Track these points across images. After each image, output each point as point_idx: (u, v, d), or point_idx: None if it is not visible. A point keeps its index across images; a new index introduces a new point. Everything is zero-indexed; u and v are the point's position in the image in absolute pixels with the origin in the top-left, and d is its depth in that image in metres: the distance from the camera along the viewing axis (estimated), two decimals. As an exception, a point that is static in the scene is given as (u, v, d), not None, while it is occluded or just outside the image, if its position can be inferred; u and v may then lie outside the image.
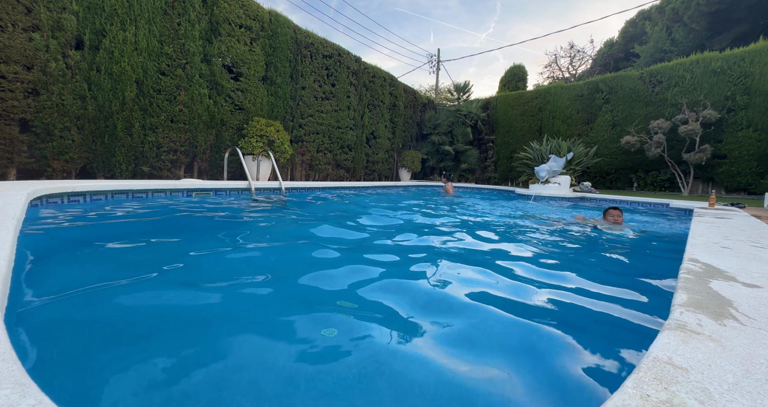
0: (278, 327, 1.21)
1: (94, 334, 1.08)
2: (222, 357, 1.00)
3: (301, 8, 60.33)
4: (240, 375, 0.90)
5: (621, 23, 19.75)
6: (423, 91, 25.20)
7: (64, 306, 1.25)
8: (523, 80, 15.49)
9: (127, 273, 1.62)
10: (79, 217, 2.87)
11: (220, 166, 6.59)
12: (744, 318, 0.88)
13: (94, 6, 4.74)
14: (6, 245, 1.24)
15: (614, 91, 9.95)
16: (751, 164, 7.83)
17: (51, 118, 4.45)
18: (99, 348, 1.01)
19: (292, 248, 2.34)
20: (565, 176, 7.87)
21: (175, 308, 1.30)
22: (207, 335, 1.12)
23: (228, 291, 1.48)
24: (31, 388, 0.52)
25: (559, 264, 2.25)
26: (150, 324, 1.17)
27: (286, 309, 1.36)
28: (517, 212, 5.15)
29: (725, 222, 3.09)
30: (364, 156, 10.37)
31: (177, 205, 3.88)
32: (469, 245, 2.69)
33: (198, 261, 1.91)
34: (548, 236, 3.28)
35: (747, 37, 12.20)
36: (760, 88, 7.67)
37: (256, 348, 1.05)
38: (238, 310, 1.32)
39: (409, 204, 5.49)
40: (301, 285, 1.62)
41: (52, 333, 1.07)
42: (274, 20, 7.30)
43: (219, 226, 2.98)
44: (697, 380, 0.59)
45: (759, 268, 1.41)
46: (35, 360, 0.90)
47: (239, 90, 6.75)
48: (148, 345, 1.04)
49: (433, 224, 3.64)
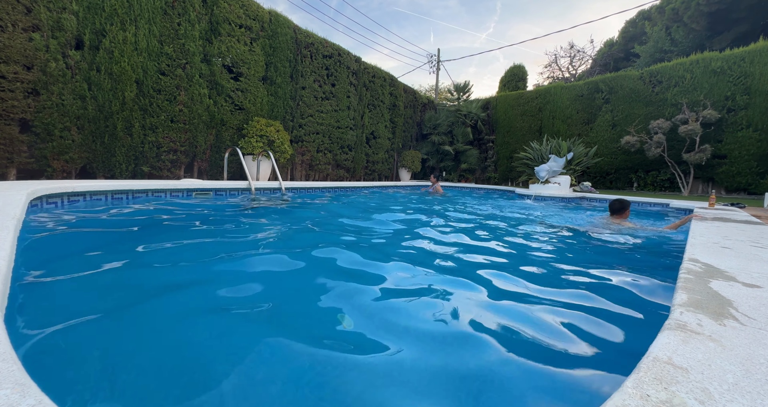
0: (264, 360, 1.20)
1: (94, 337, 1.08)
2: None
3: (301, 8, 60.33)
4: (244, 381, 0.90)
5: (621, 23, 19.77)
6: (423, 91, 25.20)
7: (64, 307, 1.25)
8: (523, 80, 15.49)
9: (126, 274, 1.62)
10: (79, 217, 2.87)
11: (220, 166, 6.59)
12: (744, 318, 0.88)
13: (94, 6, 4.74)
14: (6, 245, 1.24)
15: (614, 91, 9.95)
16: (751, 164, 7.83)
17: (51, 118, 4.45)
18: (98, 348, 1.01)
19: (287, 254, 2.34)
20: (565, 176, 7.87)
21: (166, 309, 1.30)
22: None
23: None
24: (31, 388, 0.52)
25: (558, 263, 2.25)
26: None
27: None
28: (509, 209, 5.15)
29: (725, 222, 3.09)
30: (364, 156, 10.37)
31: (177, 205, 3.88)
32: (462, 247, 2.69)
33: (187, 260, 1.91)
34: (544, 234, 3.28)
35: (747, 37, 12.21)
36: (760, 88, 7.67)
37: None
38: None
39: (404, 203, 5.50)
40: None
41: (52, 332, 1.07)
42: (274, 20, 7.30)
43: (214, 226, 2.98)
44: (697, 380, 0.59)
45: (759, 268, 1.41)
46: (34, 358, 0.90)
47: (239, 90, 6.75)
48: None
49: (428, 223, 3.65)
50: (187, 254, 2.08)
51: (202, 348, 1.04)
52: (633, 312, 1.46)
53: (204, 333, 1.13)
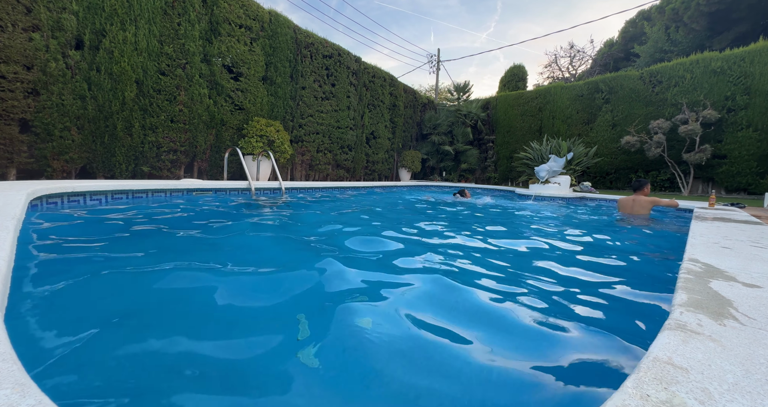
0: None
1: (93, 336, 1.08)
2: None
3: (301, 8, 60.38)
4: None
5: (621, 23, 19.78)
6: (423, 91, 25.21)
7: (63, 307, 1.25)
8: (523, 80, 15.50)
9: (126, 273, 1.62)
10: (79, 217, 2.87)
11: (220, 166, 6.59)
12: (744, 318, 0.88)
13: (94, 6, 4.74)
14: (6, 245, 1.23)
15: (614, 91, 9.95)
16: (751, 164, 7.83)
17: (51, 118, 4.45)
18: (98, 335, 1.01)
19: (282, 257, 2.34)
20: (565, 176, 7.87)
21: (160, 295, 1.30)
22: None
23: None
24: (31, 388, 0.52)
25: (556, 262, 2.25)
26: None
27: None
28: (510, 205, 5.15)
29: (725, 222, 3.09)
30: (364, 156, 10.38)
31: (177, 205, 3.88)
32: (467, 245, 2.69)
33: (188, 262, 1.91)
34: (545, 230, 3.28)
35: (747, 37, 12.21)
36: (760, 88, 7.67)
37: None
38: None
39: (404, 202, 5.49)
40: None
41: (51, 332, 1.07)
42: (274, 20, 7.30)
43: (213, 227, 2.98)
44: (697, 380, 0.59)
45: (759, 268, 1.41)
46: (34, 357, 0.90)
47: (239, 90, 6.75)
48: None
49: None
50: (188, 254, 2.08)
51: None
52: (633, 311, 1.46)
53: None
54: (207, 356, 0.99)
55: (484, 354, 1.08)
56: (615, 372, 1.03)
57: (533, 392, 0.91)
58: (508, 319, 1.36)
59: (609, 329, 1.28)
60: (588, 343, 1.18)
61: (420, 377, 0.94)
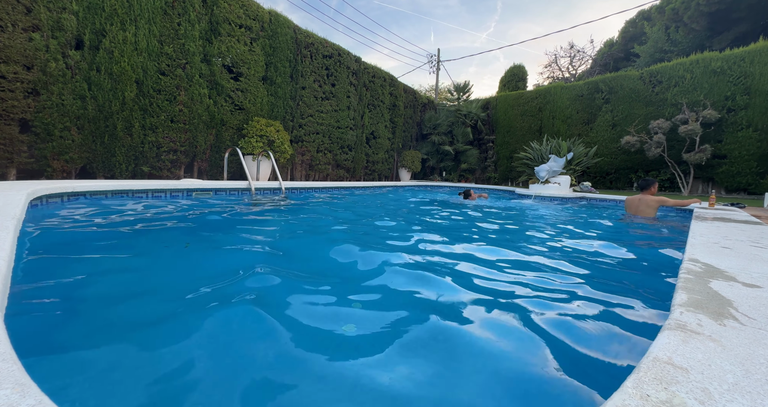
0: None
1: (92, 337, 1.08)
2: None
3: (301, 8, 60.39)
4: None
5: (621, 23, 19.78)
6: (423, 91, 25.20)
7: (64, 307, 1.25)
8: (523, 80, 15.50)
9: (124, 272, 1.62)
10: (79, 217, 2.87)
11: (220, 166, 6.59)
12: (744, 318, 0.88)
13: (94, 6, 4.74)
14: (6, 245, 1.24)
15: (614, 91, 9.95)
16: (751, 164, 7.84)
17: (51, 118, 4.45)
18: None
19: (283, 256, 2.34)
20: (565, 176, 7.87)
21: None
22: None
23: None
24: (31, 388, 0.52)
25: (556, 262, 2.25)
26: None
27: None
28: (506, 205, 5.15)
29: (725, 222, 3.09)
30: (364, 156, 10.38)
31: (176, 206, 3.88)
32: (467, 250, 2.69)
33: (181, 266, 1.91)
34: (545, 230, 3.28)
35: (747, 37, 12.21)
36: (760, 88, 7.67)
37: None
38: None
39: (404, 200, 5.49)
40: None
41: (51, 332, 1.07)
42: (274, 20, 7.30)
43: (212, 228, 2.98)
44: (697, 380, 0.59)
45: (759, 268, 1.41)
46: (33, 355, 0.90)
47: (239, 90, 6.75)
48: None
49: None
50: (188, 254, 2.08)
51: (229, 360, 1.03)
52: (633, 311, 1.46)
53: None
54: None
55: (485, 353, 1.09)
56: (615, 372, 1.03)
57: (533, 392, 0.91)
58: (508, 319, 1.36)
59: (609, 329, 1.28)
60: (588, 343, 1.18)
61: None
